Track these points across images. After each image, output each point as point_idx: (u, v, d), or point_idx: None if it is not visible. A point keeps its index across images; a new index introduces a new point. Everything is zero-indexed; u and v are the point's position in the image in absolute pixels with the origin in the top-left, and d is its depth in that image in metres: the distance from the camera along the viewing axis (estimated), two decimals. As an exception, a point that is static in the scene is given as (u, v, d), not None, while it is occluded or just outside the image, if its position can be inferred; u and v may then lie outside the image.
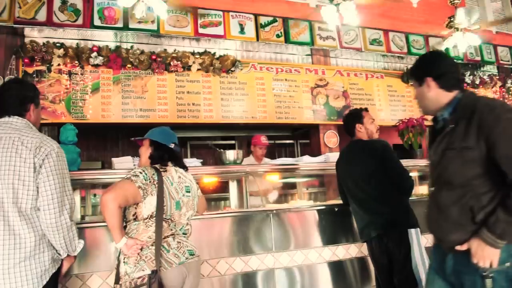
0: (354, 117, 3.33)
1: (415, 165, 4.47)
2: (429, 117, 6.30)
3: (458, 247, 1.73)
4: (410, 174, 3.13)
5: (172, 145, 2.43)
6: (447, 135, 1.81)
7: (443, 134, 1.84)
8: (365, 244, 3.24)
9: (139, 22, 4.97)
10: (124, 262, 2.16)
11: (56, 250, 2.09)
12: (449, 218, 1.78)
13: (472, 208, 1.70)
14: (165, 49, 5.27)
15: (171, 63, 5.19)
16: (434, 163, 1.90)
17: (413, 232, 2.94)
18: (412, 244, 2.91)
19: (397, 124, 5.05)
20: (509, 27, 7.35)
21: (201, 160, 4.01)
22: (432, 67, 1.91)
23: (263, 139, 4.93)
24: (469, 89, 7.03)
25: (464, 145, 1.70)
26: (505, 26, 7.30)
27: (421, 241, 2.96)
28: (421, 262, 2.90)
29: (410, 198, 3.13)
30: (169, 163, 2.38)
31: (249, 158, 4.92)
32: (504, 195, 1.64)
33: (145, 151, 2.44)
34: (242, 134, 6.79)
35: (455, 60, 1.95)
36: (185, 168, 2.48)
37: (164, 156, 2.39)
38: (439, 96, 1.88)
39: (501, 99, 7.40)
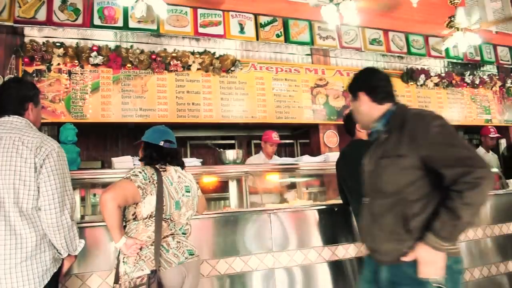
0: (354, 117, 3.32)
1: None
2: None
3: (403, 258, 1.72)
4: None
5: (162, 143, 2.38)
6: (381, 145, 1.86)
7: (377, 144, 1.90)
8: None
9: (139, 21, 4.97)
10: (123, 261, 2.16)
11: (57, 250, 2.09)
12: (383, 227, 1.79)
13: (405, 216, 1.72)
14: (165, 49, 5.27)
15: (171, 62, 5.18)
16: (368, 173, 1.93)
17: None
18: None
19: (397, 124, 5.04)
20: (508, 27, 7.34)
21: (201, 160, 4.01)
22: (363, 82, 1.99)
23: (275, 136, 4.89)
24: (470, 89, 7.06)
25: (398, 154, 1.74)
26: (505, 26, 7.30)
27: None
28: None
29: None
30: (165, 162, 2.37)
31: (259, 155, 4.89)
32: (445, 198, 1.65)
33: (141, 152, 2.45)
34: (242, 134, 6.79)
35: (387, 75, 2.02)
36: (182, 165, 2.47)
37: (152, 155, 2.37)
38: (371, 109, 1.94)
39: (501, 98, 7.40)
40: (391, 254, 1.76)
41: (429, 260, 1.66)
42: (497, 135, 5.91)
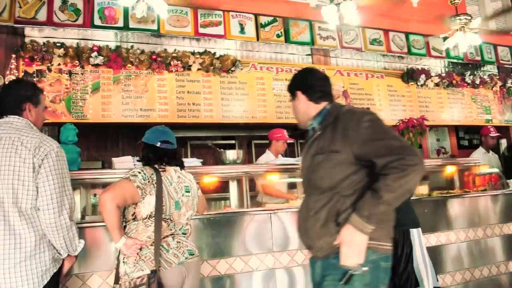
0: None
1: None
2: (430, 117, 6.33)
3: (333, 243, 1.74)
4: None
5: (159, 144, 2.37)
6: (315, 141, 1.90)
7: (312, 140, 1.93)
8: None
9: (139, 22, 4.97)
10: (123, 262, 2.15)
11: (57, 250, 2.09)
12: (317, 223, 1.79)
13: (337, 211, 1.74)
14: (165, 49, 5.27)
15: (171, 63, 5.18)
16: (304, 169, 1.95)
17: (415, 232, 2.94)
18: (413, 244, 2.91)
19: (397, 124, 5.04)
20: (509, 26, 7.34)
21: (201, 160, 4.00)
22: (301, 81, 2.04)
23: (286, 134, 4.81)
24: (470, 89, 7.06)
25: (332, 149, 1.77)
26: (505, 25, 7.29)
27: (422, 241, 2.97)
28: (422, 262, 2.91)
29: (410, 198, 3.13)
30: (162, 163, 2.36)
31: (268, 154, 4.78)
32: (373, 179, 1.69)
33: (140, 153, 2.45)
34: (242, 134, 6.78)
35: (325, 75, 2.06)
36: (181, 166, 2.47)
37: (149, 155, 2.37)
38: (308, 108, 1.98)
39: (502, 98, 7.40)
40: (324, 248, 1.78)
41: (350, 241, 1.67)
42: (498, 134, 5.91)
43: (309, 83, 2.00)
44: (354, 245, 1.66)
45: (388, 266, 1.80)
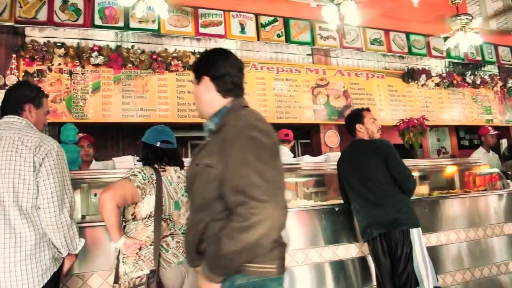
0: (354, 117, 3.33)
1: (416, 165, 4.46)
2: (430, 117, 6.31)
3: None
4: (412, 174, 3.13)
5: (158, 143, 2.38)
6: (205, 146, 1.58)
7: (199, 147, 1.62)
8: (365, 243, 3.24)
9: (140, 21, 4.98)
10: (123, 262, 2.16)
11: (57, 249, 2.10)
12: (188, 242, 1.56)
13: (202, 234, 1.47)
14: (166, 49, 5.27)
15: (172, 62, 5.18)
16: (186, 180, 1.67)
17: (415, 232, 2.94)
18: (413, 244, 2.91)
19: (398, 124, 5.05)
20: (509, 24, 7.33)
21: (202, 160, 4.00)
22: (212, 65, 1.63)
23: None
24: (471, 89, 7.04)
25: (208, 162, 1.48)
26: (506, 25, 7.29)
27: (422, 241, 2.97)
28: (422, 262, 2.90)
29: (410, 198, 3.13)
30: (162, 163, 2.37)
31: (285, 151, 4.83)
32: (222, 226, 1.39)
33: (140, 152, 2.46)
34: (243, 134, 6.78)
35: (242, 64, 1.68)
36: (181, 165, 2.47)
37: (148, 155, 2.38)
38: (214, 100, 1.61)
39: (502, 99, 7.39)
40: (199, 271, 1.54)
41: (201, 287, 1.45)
42: (496, 132, 5.92)
43: (221, 70, 1.60)
44: None
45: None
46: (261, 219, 1.31)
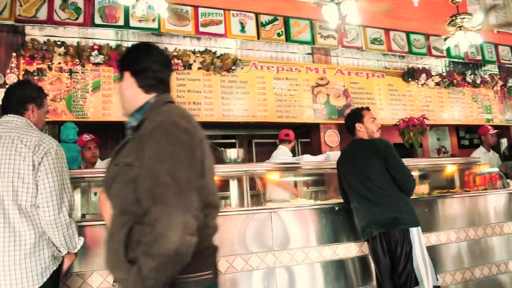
0: (354, 116, 3.34)
1: (416, 164, 4.46)
2: (430, 117, 6.30)
3: None
4: (411, 173, 3.14)
5: None
6: (122, 147, 1.49)
7: (119, 146, 1.52)
8: (365, 243, 3.24)
9: (140, 20, 4.98)
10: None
11: (57, 248, 2.10)
12: (112, 249, 1.43)
13: (126, 241, 1.35)
14: (166, 48, 5.26)
15: (172, 61, 5.17)
16: (106, 179, 1.52)
17: (414, 231, 2.94)
18: (413, 243, 2.91)
19: (398, 123, 5.05)
20: (508, 19, 7.33)
21: (202, 159, 4.01)
22: (133, 60, 1.56)
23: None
24: (471, 88, 7.04)
25: (127, 161, 1.39)
26: (505, 20, 7.29)
27: (422, 240, 2.97)
28: (422, 261, 2.90)
29: (410, 197, 3.13)
30: None
31: (283, 149, 4.92)
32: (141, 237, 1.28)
33: None
34: (243, 133, 6.78)
35: (167, 59, 1.63)
36: None
37: None
38: (136, 96, 1.53)
39: (502, 98, 7.39)
40: (124, 283, 1.39)
41: None
42: (496, 130, 5.93)
43: (143, 65, 1.53)
44: None
45: None
46: (169, 227, 1.21)
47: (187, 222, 1.23)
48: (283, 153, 4.81)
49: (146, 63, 1.53)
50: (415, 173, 4.50)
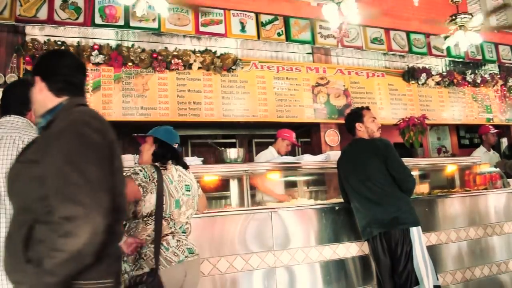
0: (354, 116, 3.34)
1: (416, 164, 4.46)
2: (431, 116, 6.30)
3: None
4: (412, 172, 3.14)
5: (176, 145, 2.46)
6: (29, 146, 1.51)
7: (26, 146, 1.56)
8: (365, 242, 3.25)
9: (140, 20, 4.97)
10: (123, 260, 2.16)
11: None
12: (8, 251, 1.40)
13: (25, 240, 1.33)
14: (166, 47, 5.26)
15: (172, 61, 5.18)
16: (8, 180, 1.50)
17: (415, 231, 2.95)
18: (413, 243, 2.91)
19: (398, 122, 5.05)
20: (509, 21, 7.32)
21: (202, 158, 4.01)
22: (43, 65, 1.62)
23: (294, 137, 4.89)
24: (471, 88, 7.03)
25: (32, 158, 1.40)
26: (506, 22, 7.28)
27: (422, 240, 2.97)
28: (422, 260, 2.91)
29: (410, 197, 3.14)
30: (169, 162, 2.39)
31: (271, 151, 4.76)
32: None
33: (148, 148, 2.45)
34: (243, 133, 6.78)
35: (78, 63, 1.66)
36: (186, 166, 2.50)
37: (167, 155, 2.41)
38: (47, 99, 1.55)
39: (503, 97, 7.38)
40: (19, 286, 1.38)
41: None
42: (497, 130, 5.94)
43: (53, 69, 1.57)
44: None
45: None
46: (78, 225, 1.22)
47: (97, 221, 1.24)
48: (268, 154, 4.74)
49: (56, 67, 1.57)
50: (415, 173, 4.50)
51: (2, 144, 2.02)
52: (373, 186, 3.05)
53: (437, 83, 6.80)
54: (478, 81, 7.12)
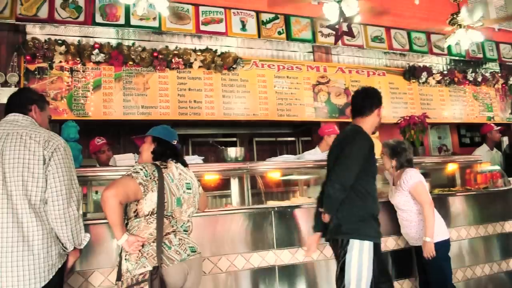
0: (378, 97, 2.78)
1: (417, 163, 4.45)
2: (432, 115, 6.28)
3: None
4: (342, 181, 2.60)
5: (175, 142, 2.47)
6: None
7: None
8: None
9: (141, 19, 4.98)
10: (125, 259, 2.16)
11: (62, 244, 2.12)
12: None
13: None
14: (167, 46, 5.26)
15: (173, 60, 5.18)
16: None
17: (356, 243, 2.55)
18: (351, 256, 2.53)
19: (399, 121, 5.04)
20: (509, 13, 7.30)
21: (203, 157, 4.01)
22: None
23: (337, 128, 4.82)
24: (472, 86, 7.03)
25: None
26: (508, 24, 7.27)
27: (366, 256, 2.55)
28: (355, 279, 2.52)
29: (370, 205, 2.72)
30: (170, 160, 2.40)
31: (315, 150, 4.70)
32: None
33: (148, 147, 2.46)
34: (244, 131, 6.78)
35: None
36: (185, 164, 2.50)
37: (166, 152, 2.42)
38: None
39: (504, 96, 7.38)
40: None
41: None
42: (499, 127, 5.95)
43: None
44: None
45: None
46: None
47: None
48: (312, 152, 4.65)
49: None
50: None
51: (9, 140, 2.06)
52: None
53: (438, 82, 6.80)
54: (479, 79, 7.12)
